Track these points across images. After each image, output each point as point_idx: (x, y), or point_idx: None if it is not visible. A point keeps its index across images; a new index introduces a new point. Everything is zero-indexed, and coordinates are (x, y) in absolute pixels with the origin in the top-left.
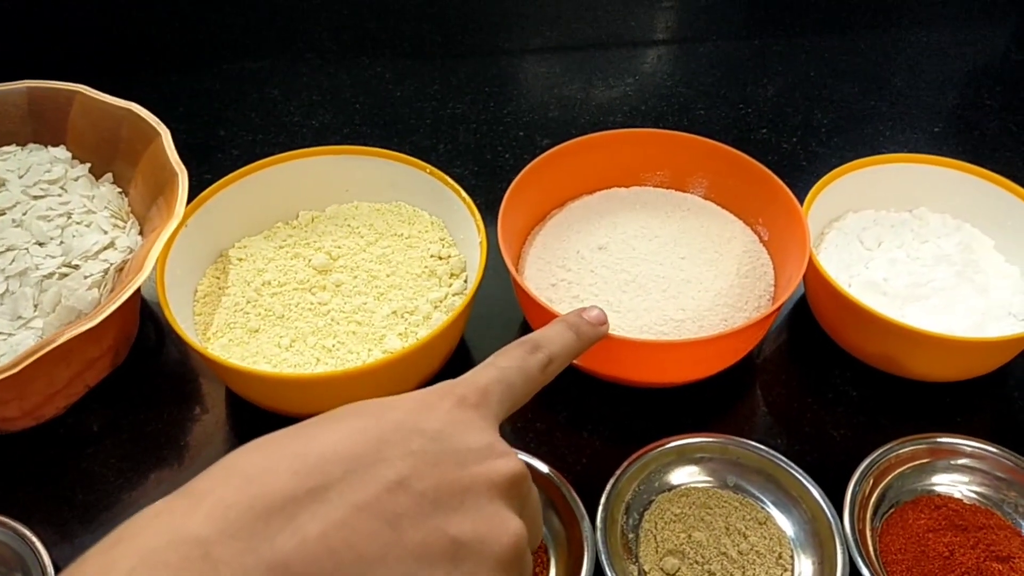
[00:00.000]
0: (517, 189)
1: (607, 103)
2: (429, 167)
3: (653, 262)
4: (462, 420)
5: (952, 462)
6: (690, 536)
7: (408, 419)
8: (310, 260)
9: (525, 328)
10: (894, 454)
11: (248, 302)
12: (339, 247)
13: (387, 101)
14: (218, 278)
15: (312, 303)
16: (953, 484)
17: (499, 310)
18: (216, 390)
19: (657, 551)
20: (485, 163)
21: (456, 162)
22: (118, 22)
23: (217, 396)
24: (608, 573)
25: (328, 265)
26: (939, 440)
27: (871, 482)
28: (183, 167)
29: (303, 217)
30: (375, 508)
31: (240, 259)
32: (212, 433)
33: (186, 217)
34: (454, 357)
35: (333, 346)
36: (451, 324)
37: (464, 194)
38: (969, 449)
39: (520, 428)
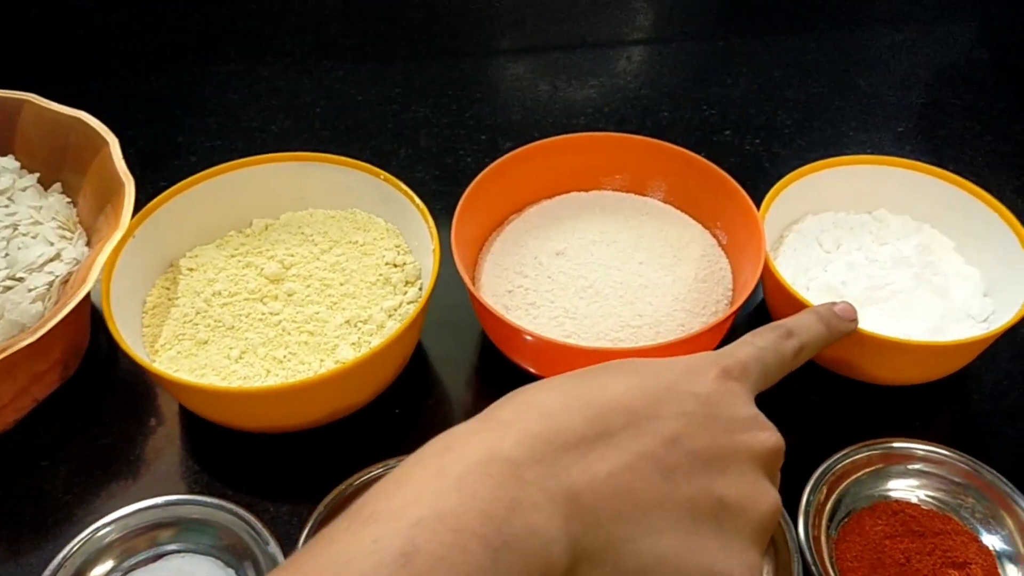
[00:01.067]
0: (472, 195)
1: (571, 106)
2: (384, 173)
3: (611, 267)
4: (728, 390)
5: (908, 467)
6: None
7: (680, 381)
8: (262, 269)
9: (486, 336)
10: (849, 460)
11: (197, 313)
12: (292, 255)
13: (348, 105)
14: (168, 288)
15: (263, 313)
16: (910, 489)
17: (458, 317)
18: (170, 402)
19: None
20: (446, 167)
21: (417, 167)
22: (74, 27)
23: (171, 408)
24: None
25: (280, 274)
26: (894, 445)
27: (826, 489)
28: (130, 176)
29: (256, 225)
30: (653, 459)
31: (191, 269)
32: (165, 446)
33: (134, 227)
34: (412, 366)
35: (284, 357)
36: (403, 333)
37: (418, 201)
38: (922, 453)
39: None
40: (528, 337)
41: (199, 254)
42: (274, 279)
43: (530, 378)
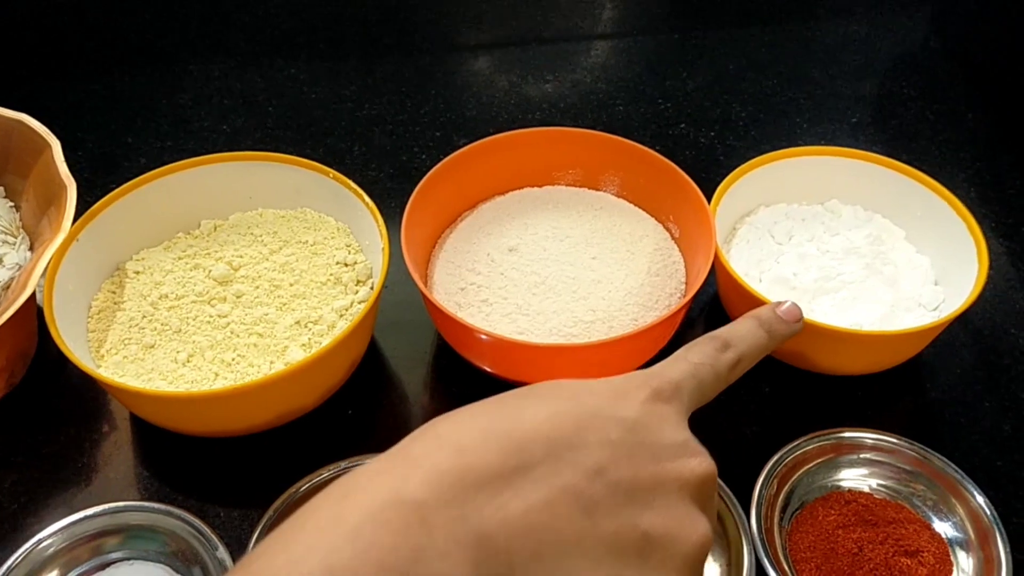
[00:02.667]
0: (423, 192)
1: (526, 101)
2: (333, 172)
3: (564, 263)
4: (657, 413)
5: (858, 456)
6: None
7: (606, 406)
8: (210, 271)
9: (441, 335)
10: (801, 451)
11: (144, 317)
12: (241, 256)
13: (302, 104)
14: (114, 292)
15: (211, 315)
16: (861, 479)
17: (413, 316)
18: (121, 408)
19: None
20: (401, 165)
21: (371, 164)
22: (19, 29)
23: (122, 414)
24: None
25: (228, 276)
26: (844, 435)
27: (778, 481)
28: (72, 180)
29: (205, 227)
30: (573, 493)
31: (137, 272)
32: (115, 453)
33: (77, 230)
34: (366, 366)
35: (233, 360)
36: (353, 332)
37: (368, 199)
38: (872, 442)
39: None
40: (482, 336)
41: (145, 257)
42: (222, 281)
43: (486, 377)
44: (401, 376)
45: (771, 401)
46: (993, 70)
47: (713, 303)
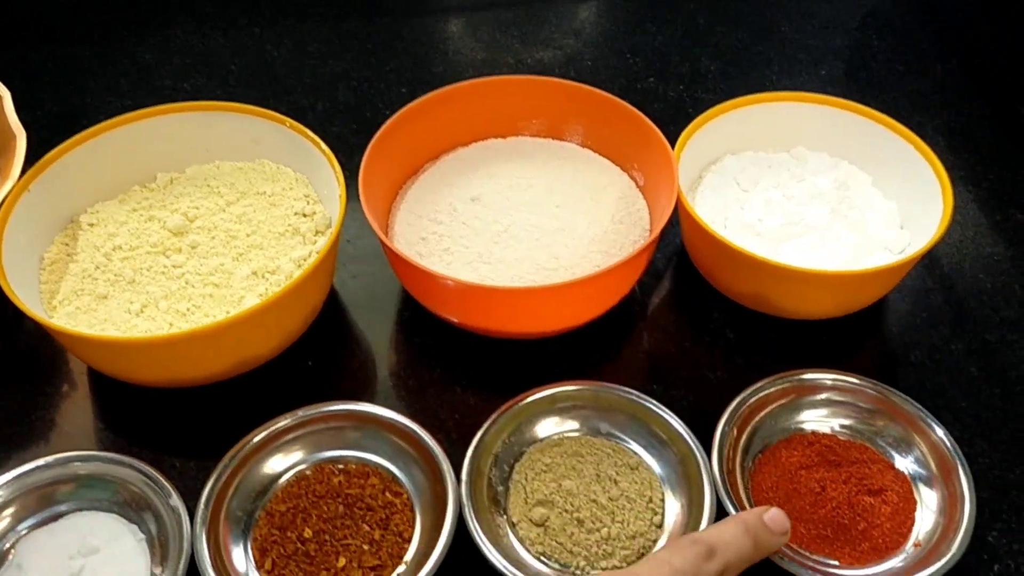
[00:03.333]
0: (382, 141)
1: (492, 57)
2: (290, 121)
3: (527, 211)
4: None
5: (819, 397)
6: (560, 485)
7: None
8: (165, 222)
9: (406, 291)
10: (763, 393)
11: (97, 268)
12: (197, 208)
13: (264, 62)
14: (67, 244)
15: (165, 266)
16: (823, 420)
17: (375, 269)
18: (77, 362)
19: (526, 502)
20: (365, 121)
21: (335, 120)
22: None
23: (79, 368)
24: (471, 526)
25: (184, 227)
26: (804, 377)
27: (740, 422)
28: (22, 129)
29: (161, 179)
30: None
31: (91, 224)
32: (71, 407)
33: (28, 181)
34: (327, 318)
35: (188, 310)
36: (309, 278)
37: (324, 147)
38: (831, 382)
39: (392, 386)
40: (447, 282)
41: (100, 210)
42: (177, 232)
43: (449, 328)
44: (363, 328)
45: (736, 346)
46: (961, 22)
47: (680, 256)
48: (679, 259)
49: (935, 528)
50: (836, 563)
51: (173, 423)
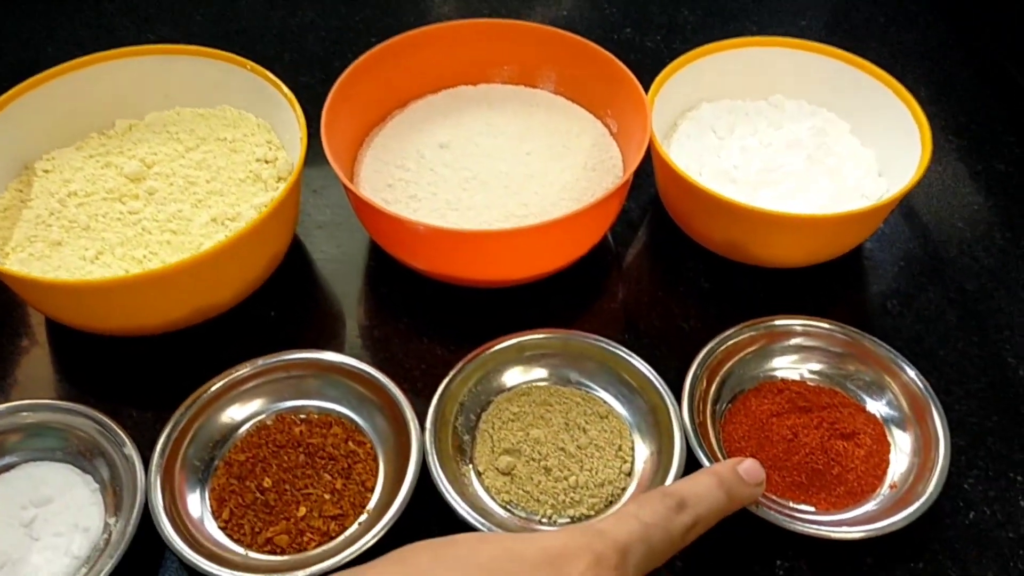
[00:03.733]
0: (346, 84)
1: (465, 6)
2: (251, 64)
3: (496, 158)
4: None
5: (790, 343)
6: (527, 434)
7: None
8: (122, 168)
9: (373, 241)
10: (732, 341)
11: (51, 214)
12: (155, 154)
13: (230, 11)
14: (21, 191)
15: (122, 212)
16: (794, 366)
17: (341, 219)
18: (34, 313)
19: (493, 451)
20: (334, 71)
21: (302, 71)
22: None
23: (36, 319)
24: (435, 474)
25: (141, 173)
26: (775, 323)
27: (710, 370)
28: None
29: (119, 126)
30: None
31: (46, 171)
32: (27, 358)
33: None
34: (292, 268)
35: (144, 257)
36: (269, 221)
37: (286, 90)
38: (802, 328)
39: (357, 336)
40: (418, 228)
41: (56, 157)
42: (134, 178)
43: (416, 278)
44: (328, 279)
45: (711, 296)
46: None
47: (656, 206)
48: (654, 210)
49: (910, 470)
50: (812, 509)
51: (131, 373)
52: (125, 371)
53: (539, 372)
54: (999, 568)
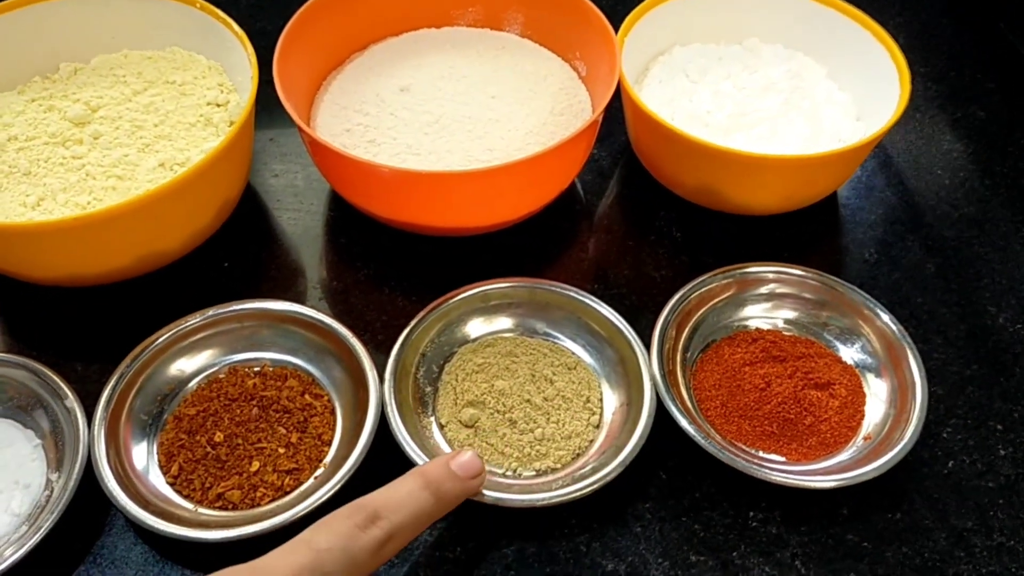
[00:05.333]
0: (300, 24)
1: None
2: (200, 2)
3: (460, 102)
4: None
5: (762, 291)
6: (492, 385)
7: None
8: (65, 112)
9: (332, 190)
10: (705, 288)
11: None
12: (100, 98)
13: None
14: None
15: (65, 157)
16: (767, 314)
17: (299, 167)
18: None
19: (456, 403)
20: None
21: (260, 15)
22: None
23: None
24: (394, 426)
25: (86, 117)
26: (747, 270)
27: (681, 318)
28: None
29: (64, 70)
30: None
31: None
32: None
33: None
34: (246, 217)
35: (88, 203)
36: (217, 163)
37: (237, 28)
38: (775, 275)
39: (315, 287)
40: (382, 170)
41: None
42: (78, 122)
43: (376, 226)
44: (285, 229)
45: (683, 245)
46: None
47: (627, 155)
48: (626, 159)
49: (885, 419)
50: (783, 459)
51: (76, 325)
52: (69, 324)
53: (504, 322)
54: (978, 517)
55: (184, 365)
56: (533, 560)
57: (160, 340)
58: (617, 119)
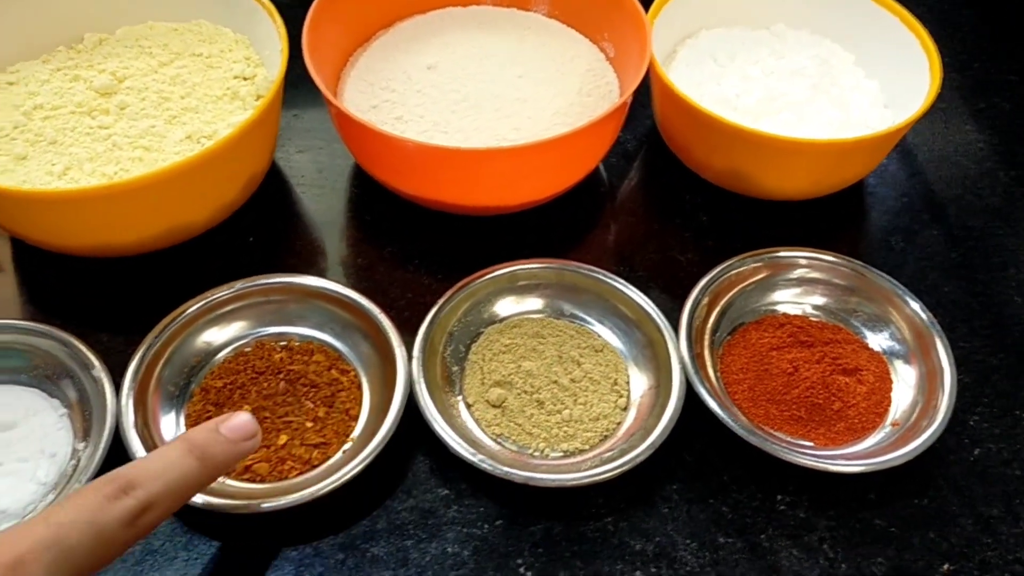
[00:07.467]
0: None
1: None
2: None
3: (487, 81)
4: None
5: (793, 276)
6: (519, 366)
7: None
8: (91, 82)
9: (358, 164)
10: (734, 271)
11: (15, 127)
12: (127, 68)
13: None
14: None
15: (91, 127)
16: (797, 300)
17: (323, 143)
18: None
19: (483, 383)
20: None
21: None
22: None
23: (2, 242)
24: (423, 403)
25: (112, 87)
26: (779, 255)
27: (710, 301)
28: None
29: (89, 40)
30: None
31: (10, 83)
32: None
33: None
34: (271, 193)
35: (115, 174)
36: (245, 137)
37: (267, 1)
38: (807, 261)
39: (340, 264)
40: (408, 144)
41: (20, 69)
42: (104, 92)
43: (401, 202)
44: (309, 205)
45: (709, 229)
46: None
47: (652, 139)
48: (651, 142)
49: (913, 405)
50: (810, 444)
51: (102, 296)
52: (95, 294)
53: (532, 303)
54: (1004, 505)
55: (212, 337)
56: (561, 539)
57: (189, 311)
58: (641, 102)
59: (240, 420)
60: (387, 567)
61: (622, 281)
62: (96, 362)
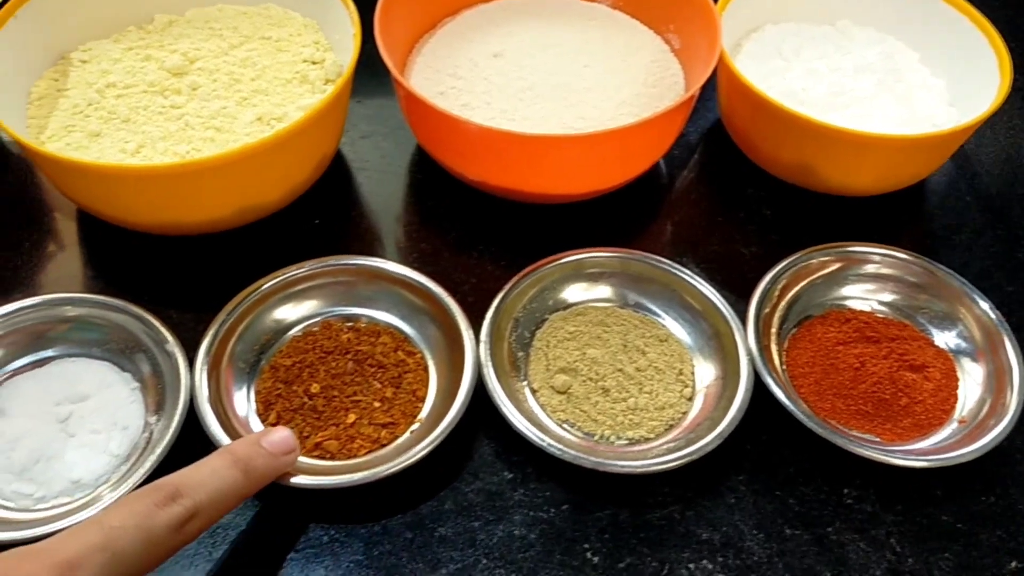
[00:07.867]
0: None
1: None
2: None
3: (552, 70)
4: None
5: (863, 271)
6: (584, 353)
7: None
8: (163, 62)
9: (420, 150)
10: (803, 264)
11: (89, 104)
12: (197, 49)
13: None
14: (56, 80)
15: (164, 106)
16: (864, 295)
17: (387, 128)
18: (65, 213)
19: (548, 369)
20: None
21: None
22: None
23: (66, 209)
24: (492, 387)
25: (183, 67)
26: (849, 249)
27: (778, 293)
28: None
29: (159, 21)
30: None
31: (83, 61)
32: (60, 256)
33: (13, 7)
34: (337, 177)
35: (187, 153)
36: (318, 120)
37: None
38: (878, 257)
39: (403, 249)
40: (470, 127)
41: (93, 48)
42: (176, 72)
43: (463, 188)
44: (373, 189)
45: (772, 223)
46: None
47: (714, 132)
48: (712, 135)
49: (981, 403)
50: (877, 439)
51: (171, 273)
52: (164, 272)
53: (597, 291)
54: None
55: (283, 315)
56: (627, 525)
57: (263, 288)
58: (703, 95)
59: (281, 435)
60: (455, 547)
61: (688, 272)
62: (170, 337)
